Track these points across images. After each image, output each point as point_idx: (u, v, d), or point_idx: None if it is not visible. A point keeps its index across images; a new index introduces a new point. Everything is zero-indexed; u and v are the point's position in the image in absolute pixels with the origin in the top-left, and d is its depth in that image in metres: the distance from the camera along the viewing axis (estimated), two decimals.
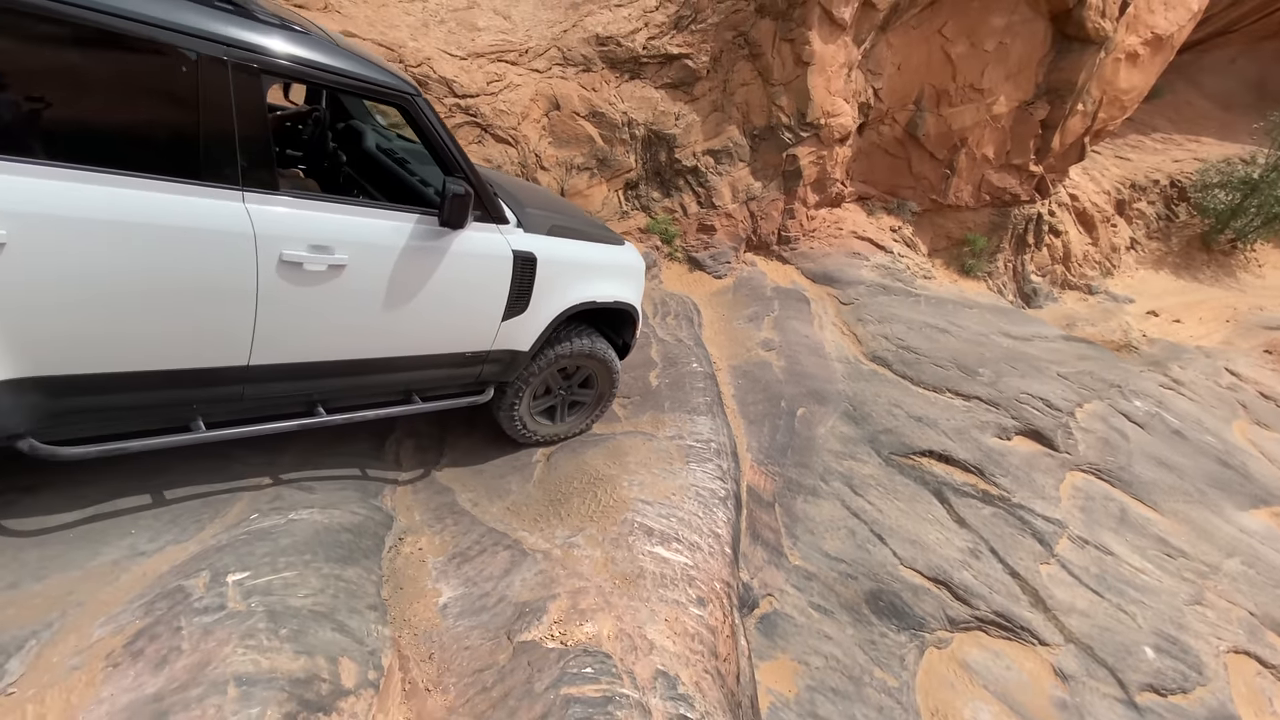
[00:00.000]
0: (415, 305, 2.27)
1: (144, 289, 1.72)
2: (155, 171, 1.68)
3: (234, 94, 1.74)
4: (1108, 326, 9.01)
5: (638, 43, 5.96)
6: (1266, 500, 5.71)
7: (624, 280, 3.13)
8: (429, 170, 2.69)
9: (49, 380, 1.68)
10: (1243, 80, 15.70)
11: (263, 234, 1.85)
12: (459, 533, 2.46)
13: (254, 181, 1.84)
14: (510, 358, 2.75)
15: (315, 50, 1.90)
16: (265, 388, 2.09)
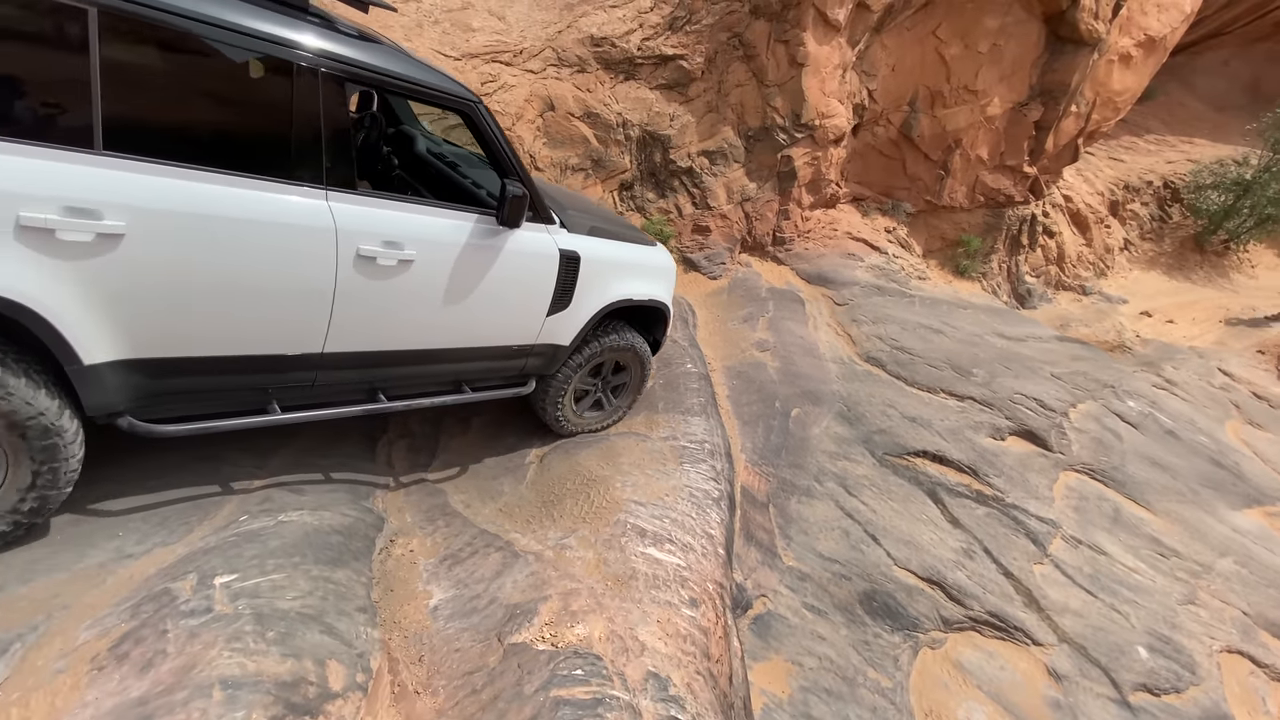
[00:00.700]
0: (471, 299, 2.43)
1: (237, 278, 1.86)
2: (252, 171, 1.83)
3: (322, 100, 1.90)
4: (1101, 327, 9.04)
5: (632, 44, 5.96)
6: (1259, 500, 5.73)
7: (657, 279, 3.30)
8: (479, 173, 2.94)
9: (150, 362, 1.83)
10: (1236, 82, 15.79)
11: (343, 229, 2.00)
12: (450, 534, 2.45)
13: (336, 181, 1.99)
14: (552, 352, 2.92)
15: (391, 60, 2.07)
16: (335, 375, 2.25)
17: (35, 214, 1.51)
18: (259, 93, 1.83)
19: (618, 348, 3.20)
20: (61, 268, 1.58)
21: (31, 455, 1.71)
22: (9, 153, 1.49)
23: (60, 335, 1.63)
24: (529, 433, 3.38)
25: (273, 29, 1.78)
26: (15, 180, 1.49)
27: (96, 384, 1.75)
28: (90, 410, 1.79)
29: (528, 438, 3.34)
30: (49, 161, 1.54)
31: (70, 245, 1.58)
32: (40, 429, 1.68)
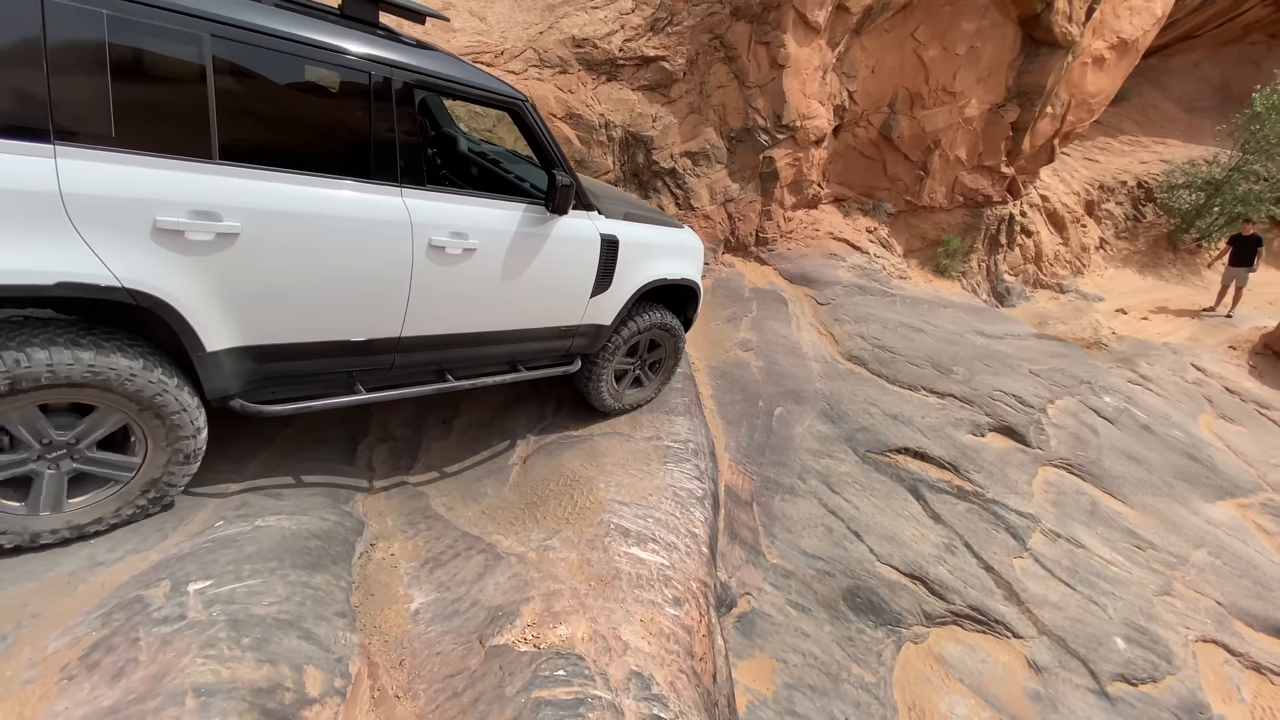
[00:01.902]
0: (525, 283, 2.64)
1: (329, 269, 2.05)
2: (338, 173, 2.03)
3: (395, 106, 2.11)
4: (1078, 324, 9.19)
5: (614, 45, 5.96)
6: (1232, 492, 5.86)
7: (687, 259, 3.51)
8: (519, 168, 3.23)
9: (258, 348, 2.02)
10: (1206, 84, 16.15)
11: (417, 222, 2.20)
12: (432, 537, 2.43)
13: (409, 179, 2.20)
14: (595, 331, 3.14)
15: (450, 65, 2.28)
16: (410, 356, 2.45)
17: (168, 218, 1.71)
18: (342, 102, 2.04)
19: (654, 326, 3.43)
20: (188, 264, 1.78)
21: (167, 437, 1.92)
22: (147, 166, 1.68)
23: (189, 325, 1.82)
24: (512, 434, 3.37)
25: (352, 45, 1.99)
26: (152, 189, 1.69)
27: (215, 370, 1.95)
28: (210, 394, 1.99)
29: (511, 439, 3.32)
30: (177, 172, 1.73)
31: (195, 244, 1.77)
32: (174, 413, 1.89)
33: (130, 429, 1.89)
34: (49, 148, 1.56)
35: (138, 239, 1.69)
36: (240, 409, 2.05)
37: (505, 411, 3.58)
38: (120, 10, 1.59)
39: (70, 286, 1.61)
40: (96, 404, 1.79)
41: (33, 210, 1.54)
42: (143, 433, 1.90)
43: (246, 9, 1.79)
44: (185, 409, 1.91)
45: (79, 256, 1.61)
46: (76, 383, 1.69)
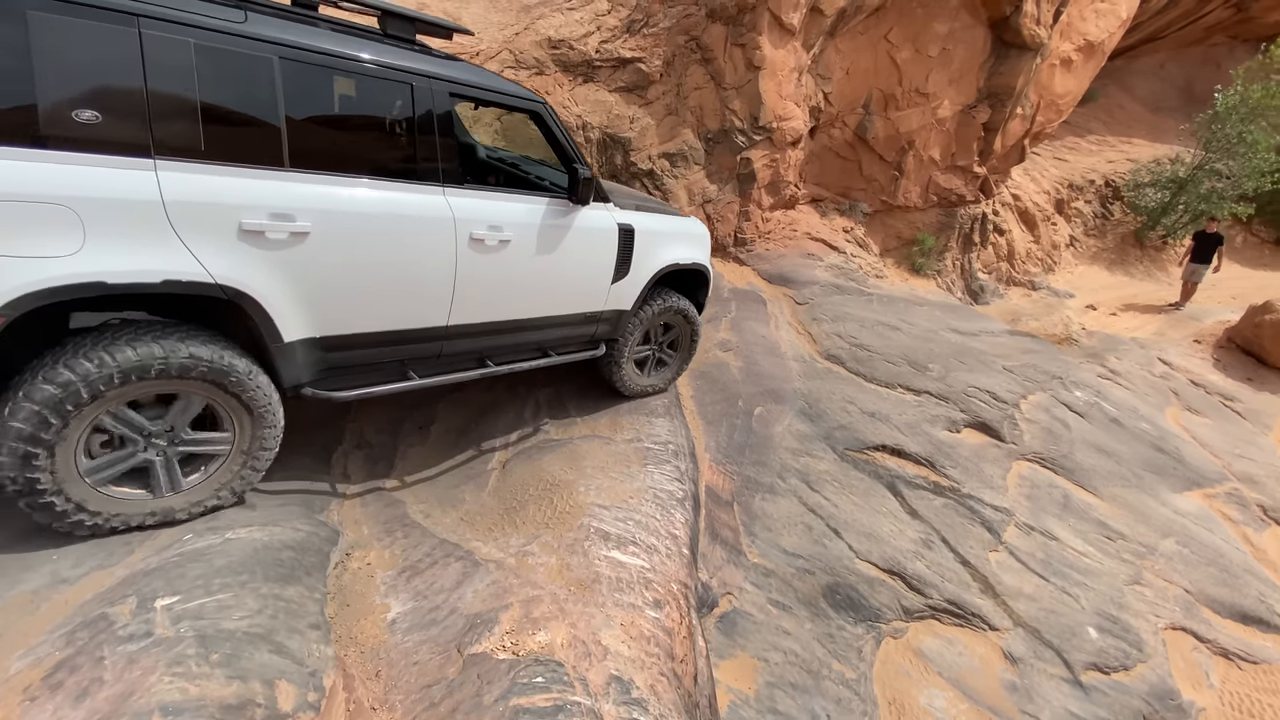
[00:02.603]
0: (553, 270, 2.88)
1: (385, 262, 2.26)
2: (389, 175, 2.27)
3: (435, 113, 2.34)
4: (1050, 320, 9.37)
5: (590, 46, 5.95)
6: (1199, 483, 6.02)
7: (697, 245, 3.79)
8: (535, 169, 3.55)
9: (326, 339, 2.23)
10: (1171, 84, 16.58)
11: (459, 218, 2.43)
12: (409, 545, 2.41)
13: (449, 179, 2.43)
14: (617, 316, 3.39)
15: (478, 75, 2.53)
16: (455, 344, 2.67)
17: (251, 220, 1.93)
18: (391, 111, 2.27)
19: (669, 310, 3.68)
20: (268, 261, 1.98)
21: (252, 425, 2.12)
22: (231, 175, 1.90)
23: (269, 317, 2.02)
24: (490, 439, 3.34)
25: (396, 60, 2.23)
26: (237, 195, 1.91)
27: (290, 360, 2.15)
28: (285, 382, 2.18)
29: (488, 444, 3.30)
30: (256, 180, 1.95)
31: (273, 242, 1.98)
32: (259, 402, 2.08)
33: (218, 414, 2.09)
34: (150, 162, 1.76)
35: (227, 240, 1.90)
36: (311, 395, 2.25)
37: (483, 416, 3.56)
38: (204, 39, 1.80)
39: (174, 284, 1.81)
40: (196, 394, 2.00)
41: (141, 217, 1.75)
42: (232, 420, 2.10)
43: (309, 34, 2.02)
44: (269, 398, 2.13)
45: (179, 257, 1.81)
46: (185, 375, 1.91)
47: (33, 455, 1.75)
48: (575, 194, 2.79)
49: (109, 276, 1.71)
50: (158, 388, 1.90)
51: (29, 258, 1.62)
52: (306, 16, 2.11)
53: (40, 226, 1.62)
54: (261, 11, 1.97)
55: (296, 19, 2.06)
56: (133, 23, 1.69)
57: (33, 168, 1.61)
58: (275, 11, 2.02)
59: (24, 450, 1.74)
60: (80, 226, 1.67)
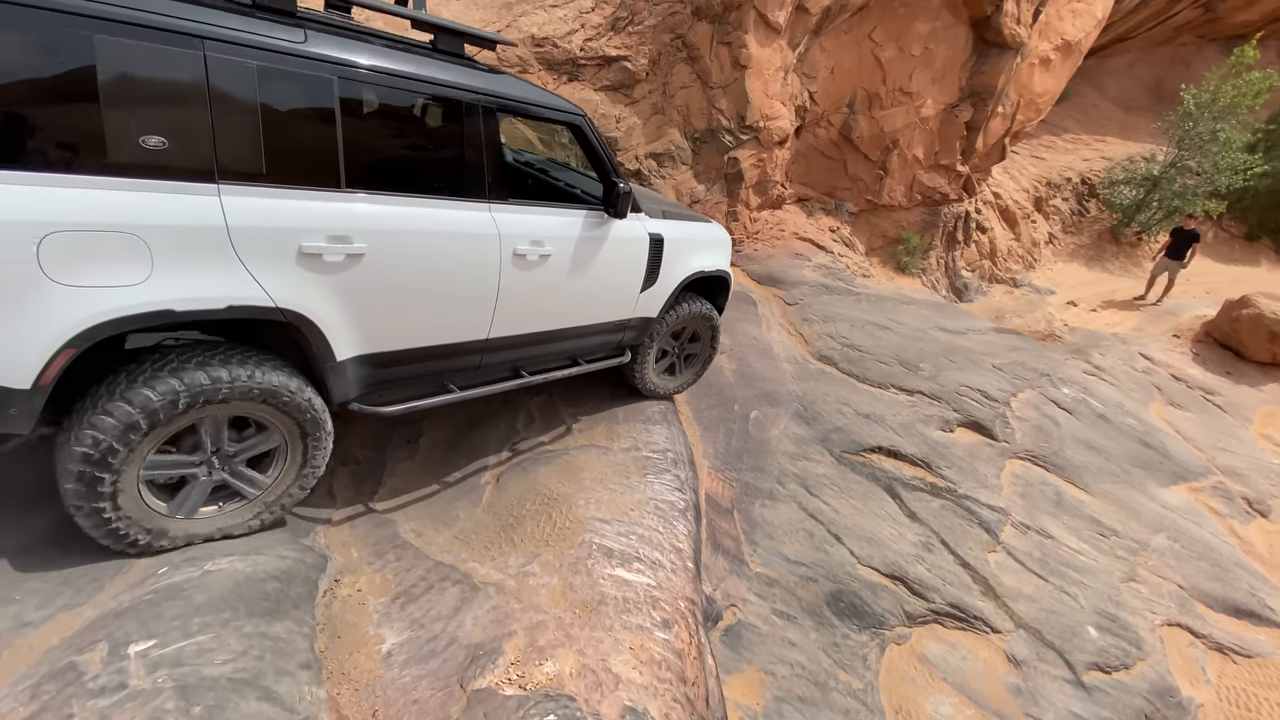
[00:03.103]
0: (588, 281, 2.88)
1: (434, 279, 2.27)
2: (439, 193, 2.26)
3: (483, 130, 2.32)
4: (1033, 317, 9.46)
5: (575, 44, 5.83)
6: (1184, 476, 6.08)
7: (719, 251, 3.79)
8: (565, 175, 3.59)
9: (376, 356, 2.23)
10: (1141, 83, 16.92)
11: (503, 234, 2.43)
12: (402, 569, 2.27)
13: (495, 195, 2.42)
14: (644, 324, 3.42)
15: (521, 89, 2.50)
16: (493, 356, 2.68)
17: (310, 243, 1.91)
18: (440, 128, 2.27)
19: (692, 315, 3.70)
20: (325, 283, 1.97)
21: (304, 443, 2.11)
22: (291, 198, 1.88)
23: (324, 337, 2.02)
24: (482, 451, 3.21)
25: (447, 76, 2.19)
26: (297, 218, 1.89)
27: (341, 377, 2.15)
28: (335, 398, 2.18)
29: (481, 456, 3.17)
30: (315, 202, 1.93)
31: (330, 265, 1.97)
32: (312, 420, 2.08)
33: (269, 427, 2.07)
34: (214, 187, 1.74)
35: (286, 263, 1.88)
36: (358, 411, 2.26)
37: (473, 428, 3.42)
38: (267, 60, 1.77)
39: (237, 310, 1.80)
40: (253, 416, 1.99)
41: (207, 244, 1.73)
42: (285, 439, 2.10)
43: (366, 52, 1.98)
44: (321, 417, 2.12)
45: (242, 282, 1.81)
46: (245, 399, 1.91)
47: (99, 481, 1.73)
48: (614, 207, 2.81)
49: (177, 304, 1.70)
50: (217, 412, 1.90)
51: (98, 288, 1.59)
52: (361, 32, 2.05)
53: (109, 256, 1.60)
54: (319, 29, 1.92)
55: (352, 36, 2.00)
56: (199, 45, 1.65)
57: (102, 196, 1.58)
58: (332, 28, 1.97)
59: (91, 476, 1.72)
60: (148, 254, 1.65)
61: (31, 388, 1.58)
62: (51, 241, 1.51)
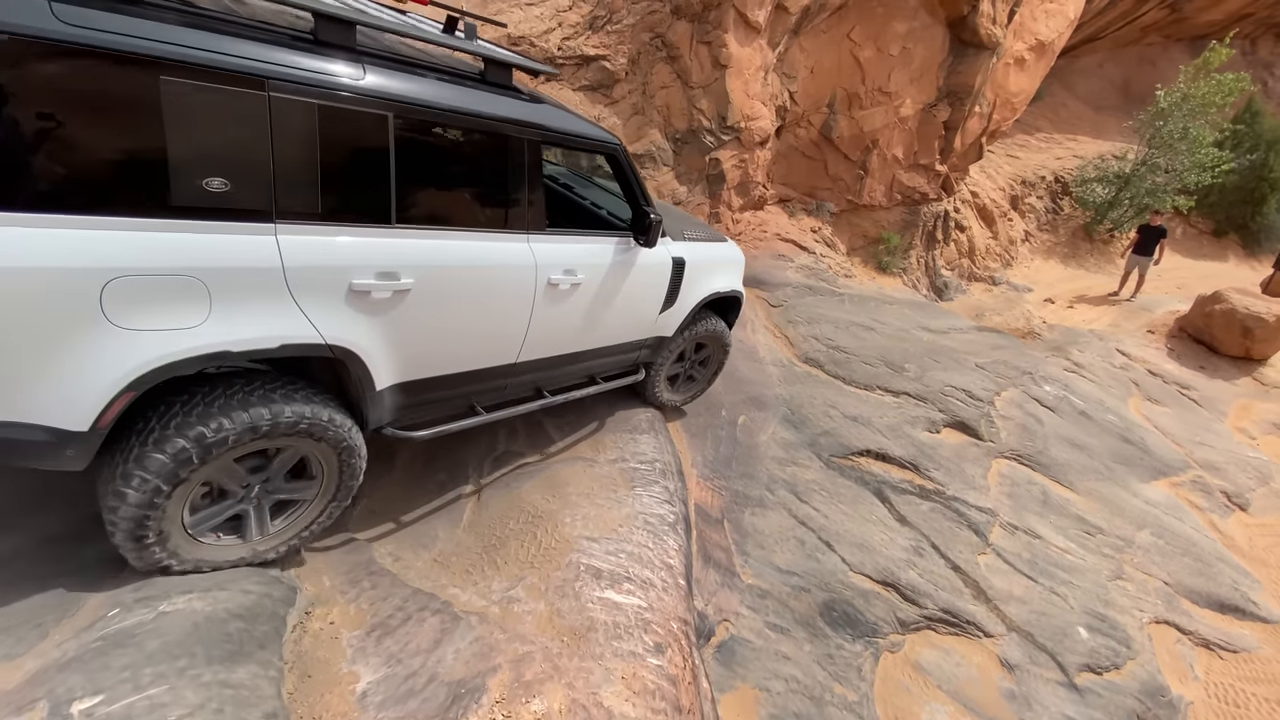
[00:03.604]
0: (614, 306, 2.92)
1: (473, 310, 2.29)
2: (483, 226, 2.26)
3: (527, 162, 2.30)
4: (1012, 315, 9.55)
5: (552, 43, 5.71)
6: (1164, 472, 6.14)
7: (734, 271, 3.87)
8: (593, 193, 3.59)
9: (412, 383, 2.24)
10: (1110, 83, 17.24)
11: (539, 264, 2.43)
12: (378, 598, 2.14)
13: (534, 226, 2.42)
14: (659, 343, 3.47)
15: (562, 119, 2.48)
16: (519, 379, 2.71)
17: (361, 280, 1.91)
18: (488, 162, 2.22)
19: (704, 333, 3.75)
20: (370, 317, 1.98)
21: (339, 468, 2.10)
22: (344, 235, 1.87)
23: (368, 370, 2.03)
24: (462, 466, 3.07)
25: (497, 110, 2.17)
26: (349, 256, 1.88)
27: (379, 405, 2.15)
28: (371, 424, 2.19)
29: (461, 472, 3.03)
30: (366, 238, 1.92)
31: (378, 301, 1.97)
32: (347, 447, 2.06)
33: (309, 461, 2.07)
34: (271, 227, 1.72)
35: (336, 300, 1.88)
36: (391, 435, 2.30)
37: (452, 442, 3.29)
38: (327, 99, 1.73)
39: (289, 347, 1.81)
40: (295, 446, 1.98)
41: (263, 284, 1.72)
42: (322, 466, 2.09)
43: (421, 86, 1.95)
44: (358, 445, 2.11)
45: (295, 321, 1.80)
46: (290, 432, 1.89)
47: (146, 518, 1.74)
48: (645, 237, 2.83)
49: (233, 345, 1.70)
50: (261, 445, 1.89)
51: (158, 331, 1.59)
52: (414, 62, 2.01)
53: (170, 299, 1.59)
54: (376, 62, 1.88)
55: (406, 68, 1.96)
56: (263, 86, 1.62)
57: (166, 239, 1.56)
58: (387, 59, 1.92)
59: (137, 515, 1.72)
60: (207, 296, 1.64)
61: (89, 430, 1.57)
62: (115, 286, 1.50)
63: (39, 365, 1.47)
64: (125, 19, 1.41)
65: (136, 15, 1.43)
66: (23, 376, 1.46)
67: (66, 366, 1.49)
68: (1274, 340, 8.71)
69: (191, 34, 1.50)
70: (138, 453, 1.67)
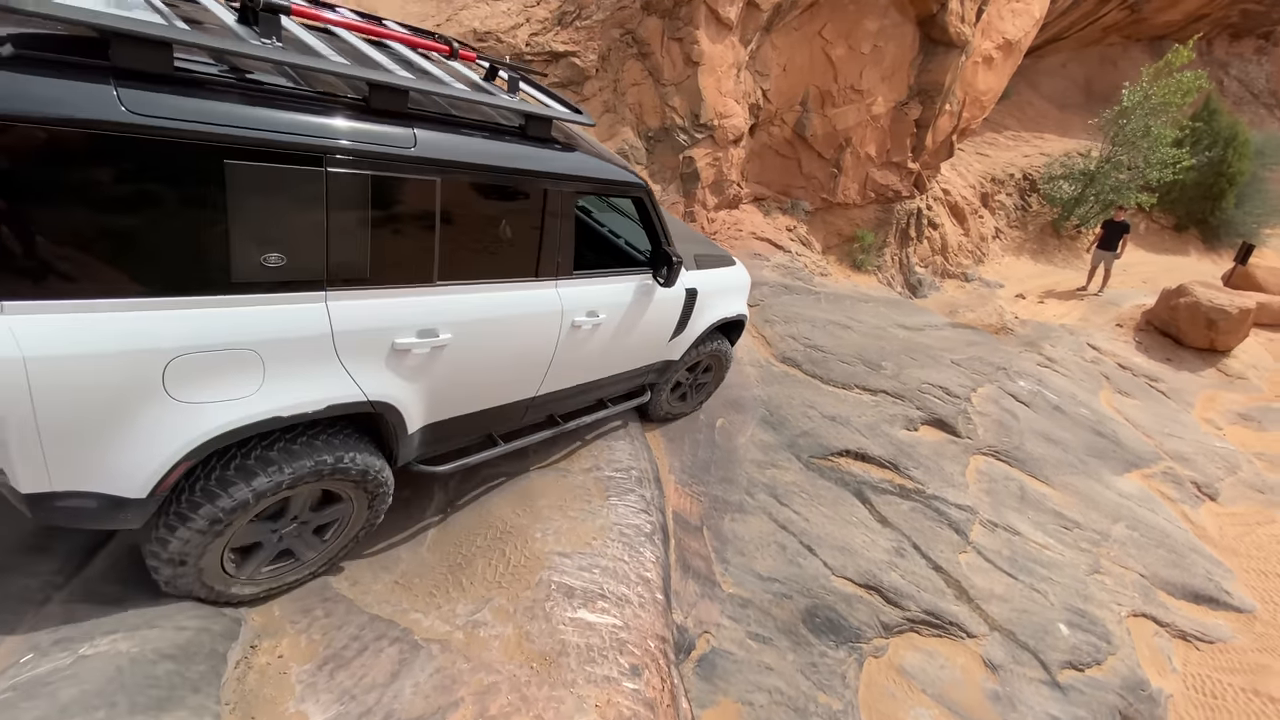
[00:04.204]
0: (630, 339, 3.00)
1: (503, 356, 2.36)
2: (517, 276, 2.30)
3: (561, 212, 2.35)
4: (985, 311, 9.62)
5: (520, 39, 5.56)
6: (1136, 464, 6.21)
7: (741, 295, 3.95)
8: (610, 219, 3.60)
9: (440, 423, 2.32)
10: (1073, 82, 17.60)
11: (565, 309, 2.49)
12: (332, 626, 1.99)
13: (561, 272, 2.46)
14: (666, 365, 3.57)
15: (594, 167, 2.49)
16: (537, 410, 2.79)
17: (403, 339, 1.97)
18: (525, 214, 2.24)
19: (708, 352, 3.84)
20: (409, 372, 2.05)
21: (369, 502, 2.16)
22: (389, 297, 1.92)
23: (403, 419, 2.10)
24: (427, 479, 2.91)
25: (539, 166, 2.21)
26: (392, 318, 1.93)
27: (408, 445, 2.22)
28: (399, 462, 2.25)
29: (425, 488, 2.87)
30: (410, 299, 1.97)
31: (416, 356, 2.03)
32: (377, 484, 2.12)
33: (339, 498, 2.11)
34: (322, 294, 1.76)
35: (379, 360, 1.94)
36: (417, 470, 2.36)
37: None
38: (380, 169, 1.76)
39: (334, 408, 1.87)
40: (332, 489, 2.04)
41: (313, 351, 1.78)
42: (353, 504, 2.14)
43: (468, 149, 1.97)
44: (388, 483, 2.18)
45: (341, 382, 1.86)
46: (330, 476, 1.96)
47: (185, 561, 1.78)
48: (667, 280, 2.90)
49: (284, 410, 1.75)
50: (300, 490, 1.93)
51: (214, 402, 1.64)
52: (460, 123, 2.02)
53: (227, 371, 1.64)
54: (425, 126, 1.88)
55: (453, 128, 1.97)
56: (320, 162, 1.64)
57: (225, 315, 1.60)
58: (435, 121, 1.93)
59: (182, 560, 1.77)
60: (261, 367, 1.69)
61: (147, 497, 1.63)
62: (176, 364, 1.55)
63: (103, 440, 1.52)
64: (188, 102, 1.42)
65: (199, 97, 1.44)
66: (88, 451, 1.52)
67: (128, 440, 1.55)
68: (1237, 332, 8.91)
69: (252, 112, 1.51)
70: (188, 500, 1.73)
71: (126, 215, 1.40)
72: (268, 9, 1.63)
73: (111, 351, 1.44)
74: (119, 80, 1.33)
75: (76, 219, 1.34)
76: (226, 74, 1.53)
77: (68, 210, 1.33)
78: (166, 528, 1.73)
